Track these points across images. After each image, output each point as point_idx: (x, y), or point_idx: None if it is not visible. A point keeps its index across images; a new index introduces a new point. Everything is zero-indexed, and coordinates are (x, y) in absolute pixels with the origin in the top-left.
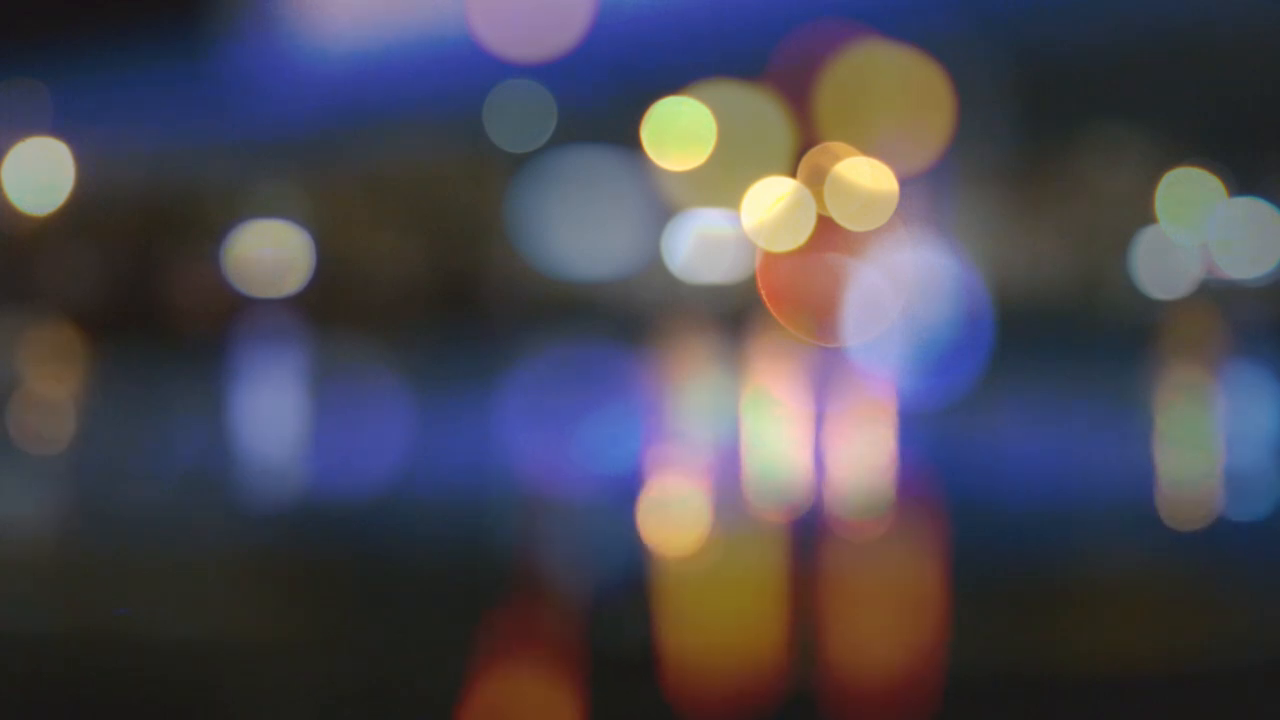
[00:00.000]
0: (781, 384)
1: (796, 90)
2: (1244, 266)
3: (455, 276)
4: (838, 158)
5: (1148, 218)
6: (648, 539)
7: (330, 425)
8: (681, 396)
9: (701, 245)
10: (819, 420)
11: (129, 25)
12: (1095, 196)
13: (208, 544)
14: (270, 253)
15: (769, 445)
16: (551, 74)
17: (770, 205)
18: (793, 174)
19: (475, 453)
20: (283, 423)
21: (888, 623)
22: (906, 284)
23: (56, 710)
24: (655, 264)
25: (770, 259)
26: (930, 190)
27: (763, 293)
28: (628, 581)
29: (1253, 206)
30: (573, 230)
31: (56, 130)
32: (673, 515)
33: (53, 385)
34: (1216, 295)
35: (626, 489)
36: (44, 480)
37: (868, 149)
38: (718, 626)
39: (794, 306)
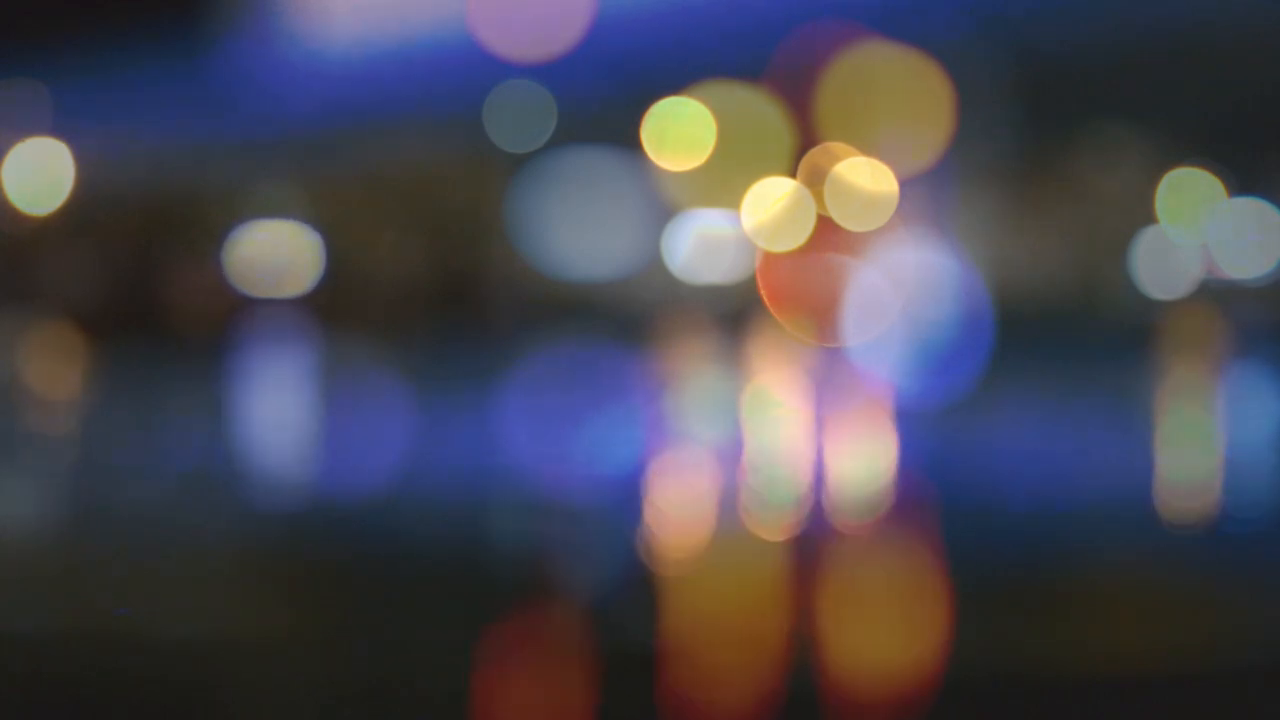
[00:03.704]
0: (781, 384)
1: (796, 91)
2: (1244, 266)
3: (455, 276)
4: (838, 158)
5: (1148, 218)
6: (649, 539)
7: (331, 425)
8: (681, 396)
9: (701, 245)
10: (819, 420)
11: (129, 25)
12: (1095, 196)
13: (208, 544)
14: (270, 253)
15: (769, 445)
16: (551, 74)
17: (770, 205)
18: (793, 174)
19: (476, 453)
20: (283, 423)
21: (888, 623)
22: (906, 284)
23: (56, 710)
24: (655, 264)
25: (770, 259)
26: (930, 190)
27: (763, 293)
28: (629, 582)
29: (1253, 206)
30: (573, 230)
31: (56, 130)
32: (673, 515)
33: (53, 385)
34: (1216, 295)
35: (627, 489)
36: (44, 480)
37: (868, 149)
38: (719, 627)
39: (794, 306)
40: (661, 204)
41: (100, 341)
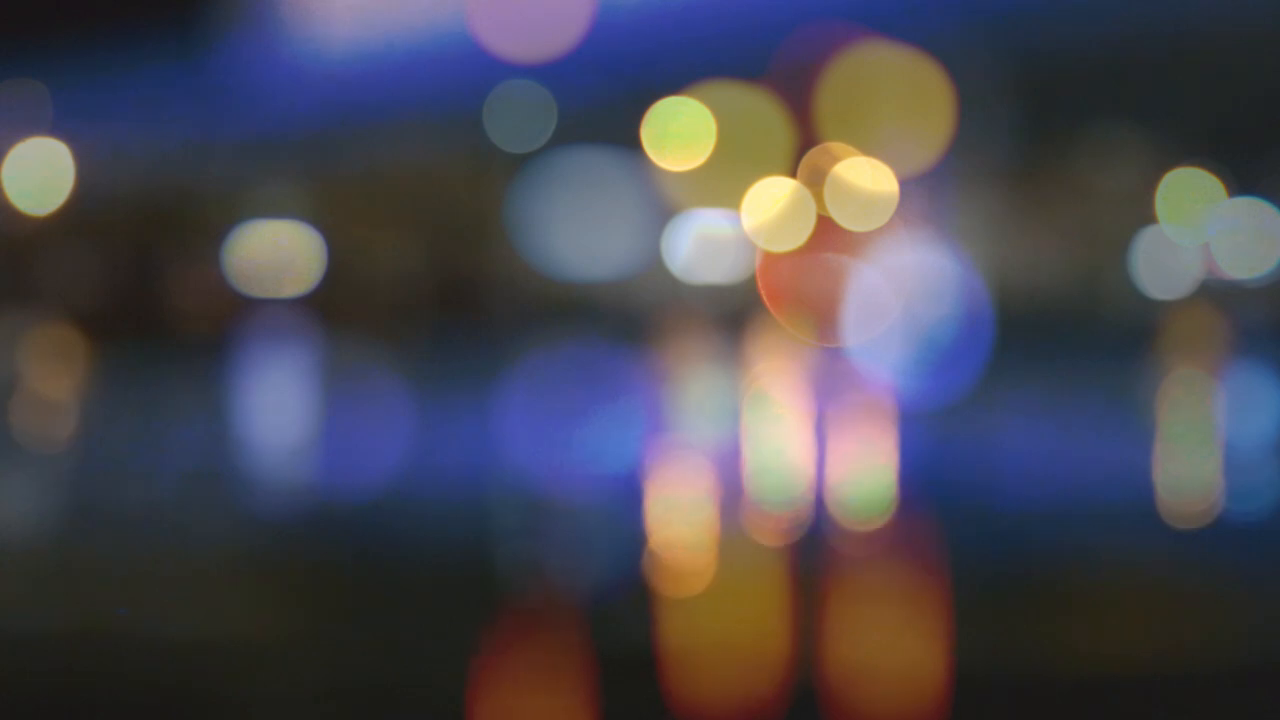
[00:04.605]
0: (781, 384)
1: (796, 91)
2: (1244, 266)
3: (455, 276)
4: (838, 158)
5: (1148, 218)
6: (649, 539)
7: (331, 425)
8: (682, 396)
9: (701, 245)
10: (819, 420)
11: (129, 25)
12: (1095, 196)
13: (208, 544)
14: (270, 253)
15: (769, 445)
16: (551, 74)
17: (770, 205)
18: (793, 174)
19: (476, 453)
20: (283, 423)
21: (888, 623)
22: (906, 284)
23: (56, 710)
24: (655, 264)
25: (770, 259)
26: (930, 191)
27: (763, 293)
28: (628, 581)
29: (1253, 206)
30: (573, 230)
31: (56, 130)
32: (673, 515)
33: (53, 385)
34: (1216, 295)
35: (627, 489)
36: (44, 480)
37: (868, 149)
38: (719, 627)
39: (794, 306)
40: (661, 204)
41: (100, 341)
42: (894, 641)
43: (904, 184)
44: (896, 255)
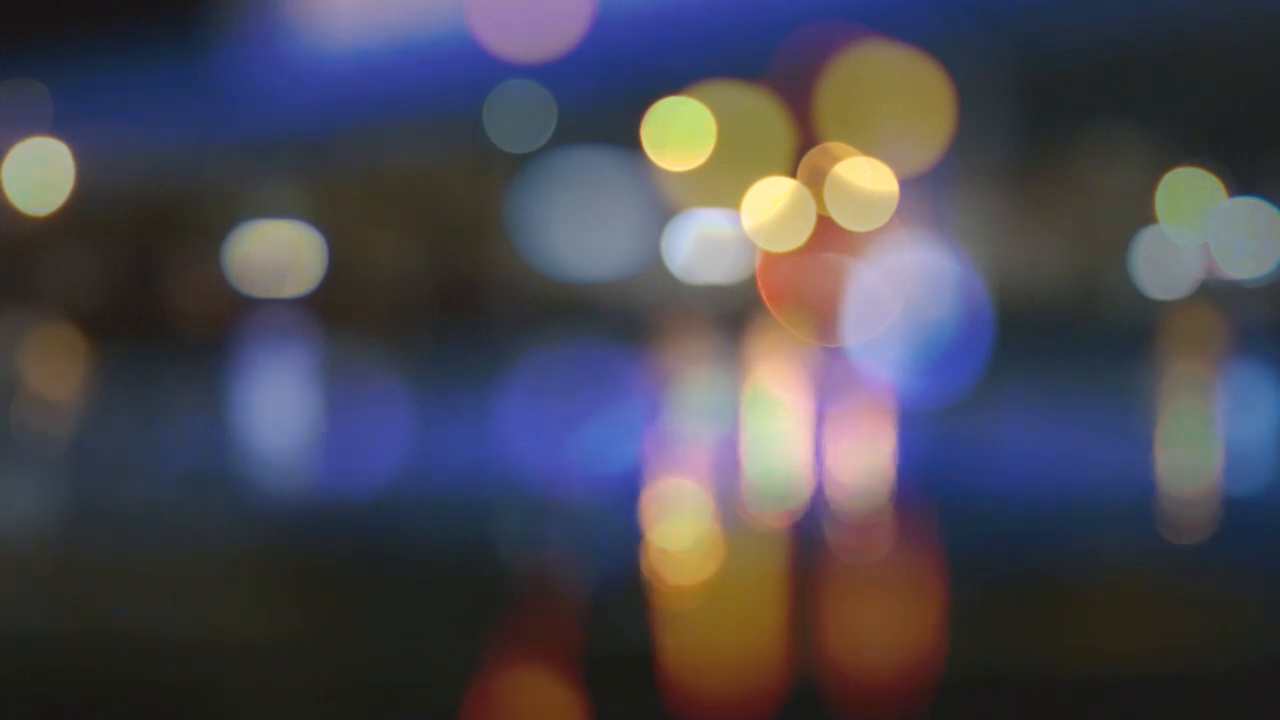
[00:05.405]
0: (781, 384)
1: (796, 91)
2: (1244, 266)
3: (455, 276)
4: (838, 158)
5: (1148, 218)
6: (648, 539)
7: (331, 425)
8: (681, 397)
9: (701, 245)
10: (819, 420)
11: (129, 25)
12: (1095, 196)
13: (208, 544)
14: (270, 253)
15: (769, 445)
16: (551, 74)
17: (770, 205)
18: (793, 174)
19: (476, 453)
20: (283, 423)
21: (887, 622)
22: (906, 284)
23: (57, 710)
24: (655, 264)
25: (770, 259)
26: (930, 191)
27: (763, 293)
28: (628, 581)
29: (1253, 206)
30: (573, 230)
31: (56, 130)
32: (673, 515)
33: (53, 385)
34: (1216, 295)
35: (627, 489)
36: (44, 480)
37: (868, 149)
38: (717, 626)
39: (794, 306)
40: (661, 204)
41: (100, 341)
42: (893, 641)
43: (904, 184)
44: (896, 255)
